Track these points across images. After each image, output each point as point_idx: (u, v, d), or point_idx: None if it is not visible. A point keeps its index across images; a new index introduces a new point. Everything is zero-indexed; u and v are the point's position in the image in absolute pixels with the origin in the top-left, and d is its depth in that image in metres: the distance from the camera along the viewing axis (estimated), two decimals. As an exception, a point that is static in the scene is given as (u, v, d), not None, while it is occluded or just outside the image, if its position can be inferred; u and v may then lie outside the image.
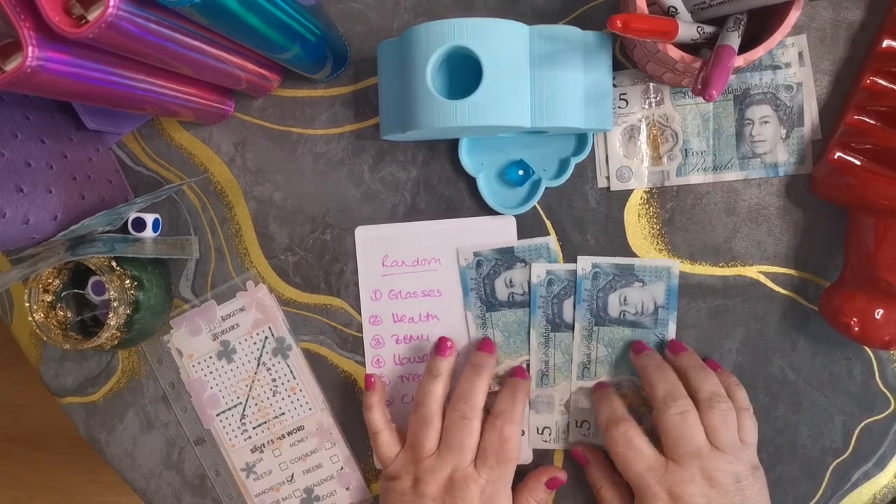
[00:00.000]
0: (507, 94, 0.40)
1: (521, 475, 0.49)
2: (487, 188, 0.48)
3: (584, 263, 0.48)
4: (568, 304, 0.48)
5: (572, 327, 0.48)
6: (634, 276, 0.47)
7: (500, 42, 0.40)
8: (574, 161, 0.47)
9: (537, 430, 0.49)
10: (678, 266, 0.47)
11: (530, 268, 0.48)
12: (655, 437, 0.43)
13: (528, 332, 0.49)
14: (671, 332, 0.47)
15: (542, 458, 0.49)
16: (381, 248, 0.50)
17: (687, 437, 0.42)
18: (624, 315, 0.48)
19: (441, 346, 0.48)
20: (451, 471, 0.44)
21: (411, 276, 0.50)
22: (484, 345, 0.48)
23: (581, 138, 0.47)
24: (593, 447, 0.48)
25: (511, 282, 0.49)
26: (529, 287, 0.48)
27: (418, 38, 0.40)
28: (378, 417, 0.47)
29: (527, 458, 0.49)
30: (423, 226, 0.49)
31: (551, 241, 0.48)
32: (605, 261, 0.48)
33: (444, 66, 0.42)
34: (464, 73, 0.41)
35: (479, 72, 0.40)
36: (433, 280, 0.50)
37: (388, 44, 0.45)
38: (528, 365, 0.49)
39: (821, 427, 0.47)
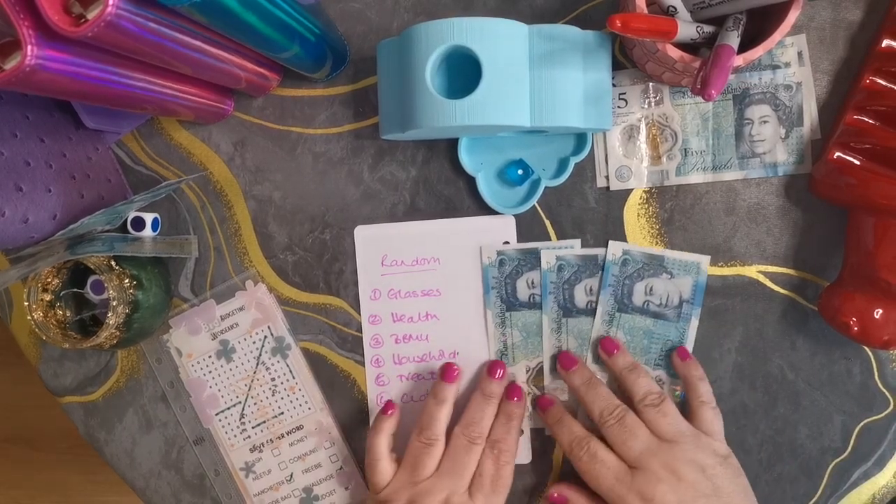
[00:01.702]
0: (506, 94, 0.40)
1: (521, 475, 0.49)
2: (487, 188, 0.48)
3: (615, 249, 0.48)
4: (579, 289, 0.48)
5: (585, 311, 0.48)
6: (663, 267, 0.47)
7: (500, 41, 0.40)
8: (573, 161, 0.47)
9: None
10: (707, 262, 0.47)
11: (540, 254, 0.48)
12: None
13: (541, 319, 0.48)
14: (693, 328, 0.47)
15: (541, 456, 0.49)
16: (380, 247, 0.50)
17: (631, 439, 0.43)
18: (647, 305, 0.48)
19: (447, 372, 0.48)
20: (448, 495, 0.44)
21: (411, 275, 0.50)
22: (495, 370, 0.48)
23: (580, 138, 0.47)
24: (567, 483, 0.47)
25: (533, 282, 0.48)
26: (540, 274, 0.48)
27: (418, 38, 0.40)
28: (383, 445, 0.47)
29: (525, 457, 0.49)
30: (423, 225, 0.49)
31: (577, 243, 0.48)
32: (636, 249, 0.48)
33: (444, 66, 0.42)
34: (463, 73, 0.41)
35: (479, 71, 0.40)
36: (432, 280, 0.50)
37: (387, 43, 0.45)
38: (541, 365, 0.49)
39: (820, 426, 0.47)
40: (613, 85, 0.47)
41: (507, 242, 0.49)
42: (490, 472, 0.45)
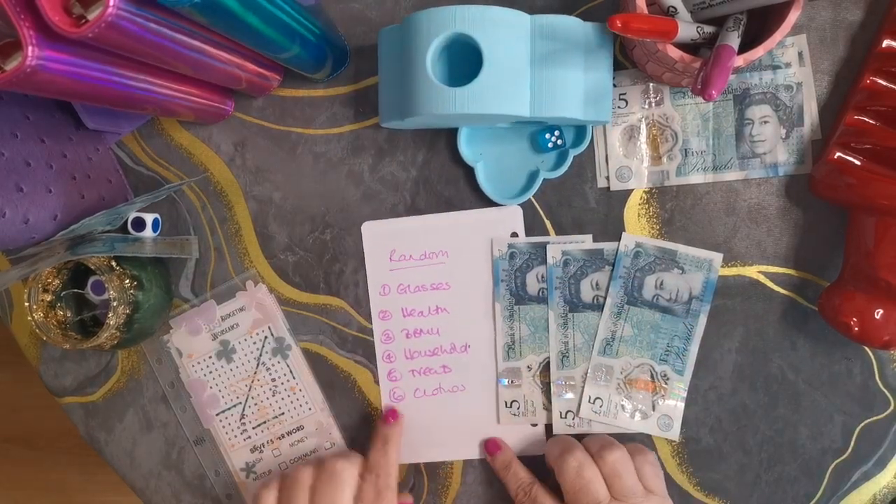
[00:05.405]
0: (506, 83, 0.40)
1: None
2: (486, 178, 0.48)
3: (628, 241, 0.47)
4: (585, 284, 0.48)
5: (591, 306, 0.48)
6: (675, 262, 0.47)
7: (502, 30, 0.40)
8: (572, 153, 0.47)
9: (560, 414, 0.49)
10: (720, 259, 0.47)
11: (546, 249, 0.48)
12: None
13: (547, 315, 0.48)
14: (701, 325, 0.47)
15: (535, 460, 0.49)
16: (388, 242, 0.50)
17: (584, 491, 0.42)
18: (657, 299, 0.47)
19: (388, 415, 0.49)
20: None
21: (419, 269, 0.50)
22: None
23: (580, 130, 0.47)
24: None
25: (542, 277, 0.48)
26: (546, 269, 0.48)
27: (419, 25, 0.40)
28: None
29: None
30: (430, 219, 0.49)
31: (588, 238, 0.48)
32: (649, 242, 0.47)
33: (445, 54, 0.42)
34: (464, 62, 0.41)
35: (480, 60, 0.40)
36: (441, 273, 0.50)
37: (388, 31, 0.45)
38: (547, 360, 0.49)
39: (820, 427, 0.47)
40: (614, 85, 0.47)
41: (515, 234, 0.49)
42: (370, 497, 0.44)
